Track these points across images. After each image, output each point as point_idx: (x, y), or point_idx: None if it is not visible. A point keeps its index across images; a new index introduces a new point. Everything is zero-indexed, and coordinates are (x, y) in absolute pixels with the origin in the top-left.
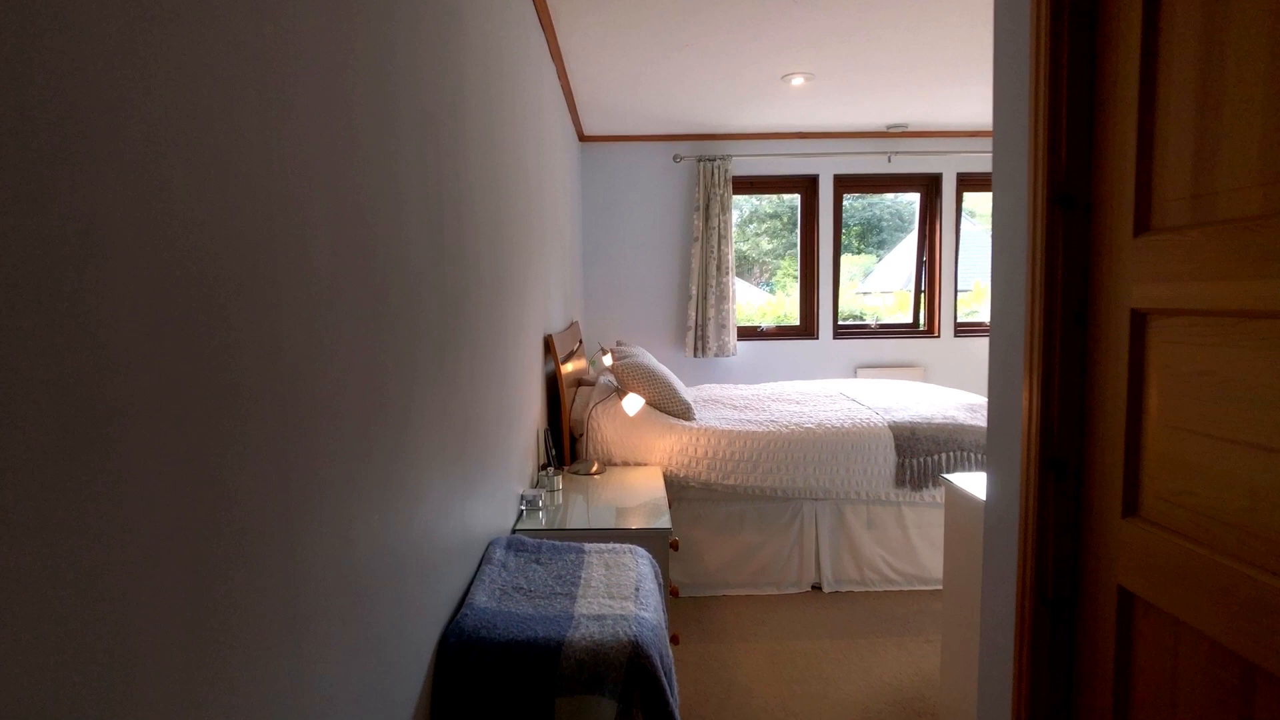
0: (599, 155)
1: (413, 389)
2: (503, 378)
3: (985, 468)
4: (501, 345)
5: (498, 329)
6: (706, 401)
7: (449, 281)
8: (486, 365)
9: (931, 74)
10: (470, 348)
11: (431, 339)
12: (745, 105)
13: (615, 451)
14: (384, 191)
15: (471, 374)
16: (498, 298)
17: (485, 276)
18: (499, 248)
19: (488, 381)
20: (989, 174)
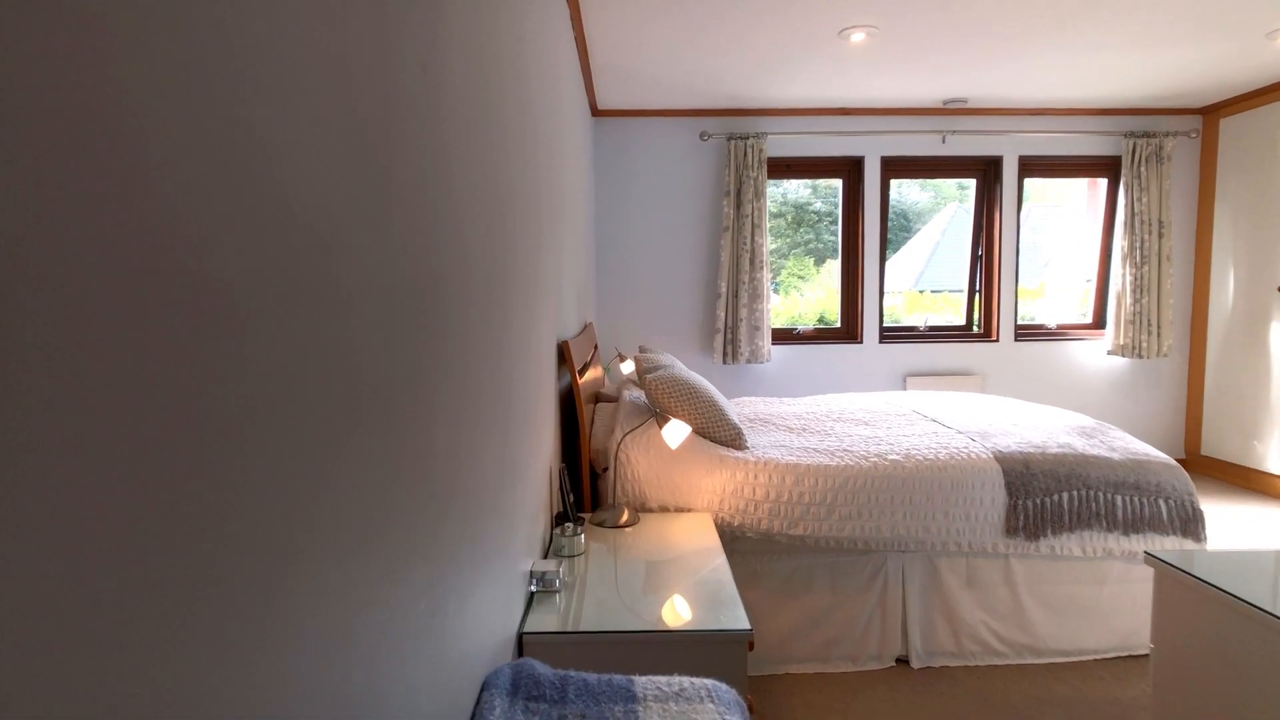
0: (615, 132)
1: (337, 448)
2: (505, 408)
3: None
4: (502, 361)
5: (496, 339)
6: (753, 422)
7: (403, 275)
8: (479, 395)
9: (998, 40)
10: (453, 370)
11: (374, 372)
12: (788, 72)
13: (650, 493)
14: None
15: (456, 411)
16: (497, 295)
17: (477, 267)
18: (497, 230)
19: (478, 419)
20: (1056, 157)
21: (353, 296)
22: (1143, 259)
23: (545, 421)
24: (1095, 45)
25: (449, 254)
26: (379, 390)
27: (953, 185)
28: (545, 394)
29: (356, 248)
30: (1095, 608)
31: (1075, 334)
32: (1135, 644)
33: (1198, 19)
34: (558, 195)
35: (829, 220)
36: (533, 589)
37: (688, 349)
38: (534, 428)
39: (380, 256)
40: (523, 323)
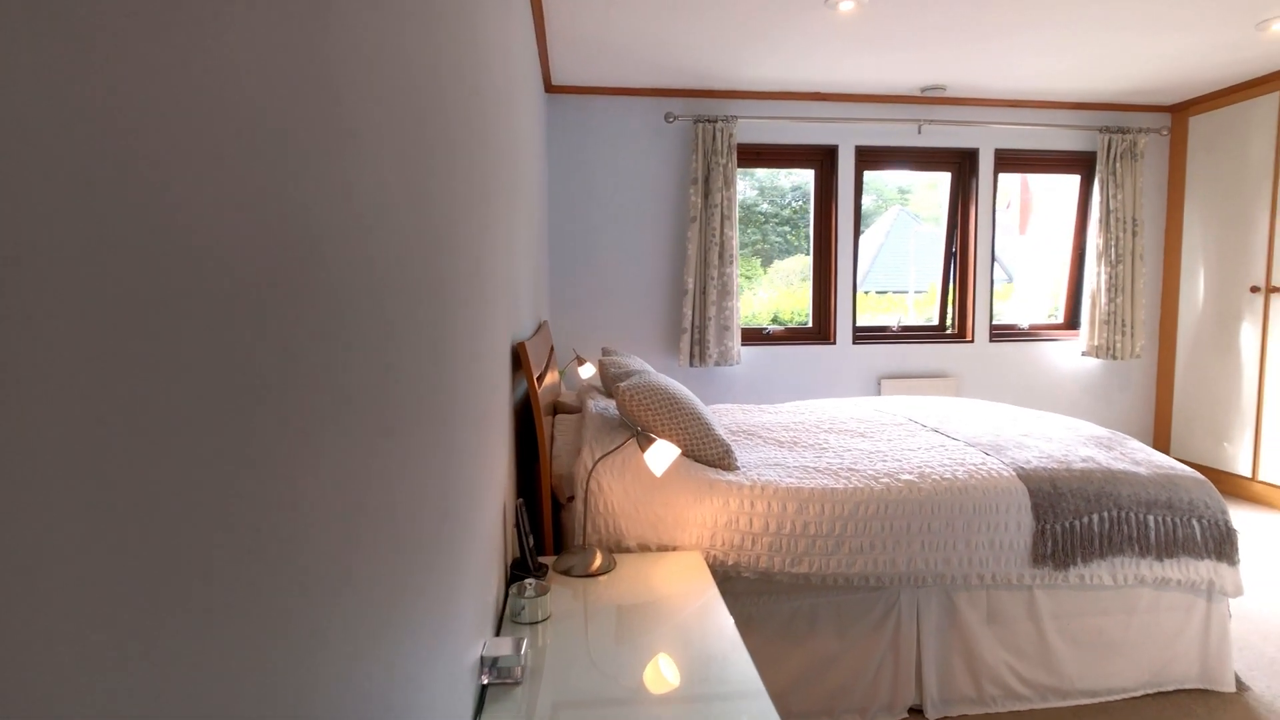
0: (571, 110)
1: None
2: (445, 435)
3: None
4: (442, 372)
5: (430, 343)
6: (736, 434)
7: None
8: (404, 421)
9: (986, 17)
10: (362, 395)
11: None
12: (765, 46)
13: (627, 528)
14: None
15: (361, 451)
16: (427, 286)
17: (384, 248)
18: (437, 212)
19: (406, 458)
20: (1031, 151)
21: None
22: (1117, 258)
23: (498, 446)
24: (1081, 30)
25: (324, 226)
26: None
27: (894, 188)
28: (498, 410)
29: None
30: (1124, 641)
31: (1049, 335)
32: (1165, 680)
33: (1191, 4)
34: (508, 177)
35: (776, 221)
36: (485, 681)
37: (651, 350)
38: (484, 456)
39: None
40: (469, 322)
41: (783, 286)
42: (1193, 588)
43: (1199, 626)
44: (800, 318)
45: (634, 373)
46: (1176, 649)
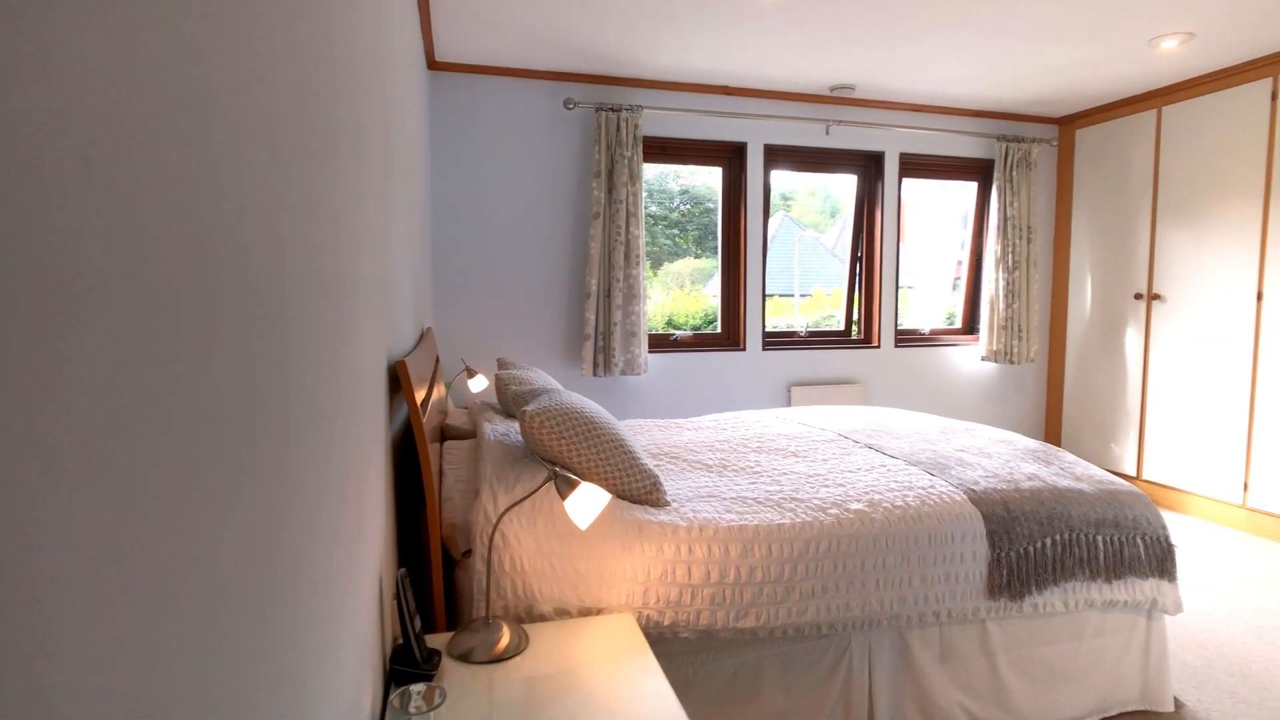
0: (457, 91)
1: None
2: (284, 500)
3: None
4: (285, 404)
5: (260, 375)
6: (657, 458)
7: None
8: (220, 483)
9: (892, 25)
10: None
11: None
12: (676, 29)
13: (542, 589)
14: None
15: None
16: (253, 295)
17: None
18: (278, 203)
19: (220, 527)
20: (934, 157)
21: None
22: (1014, 264)
23: (369, 499)
24: (986, 38)
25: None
26: None
27: (777, 194)
28: (368, 450)
29: None
30: (1073, 668)
31: (951, 340)
32: (1110, 704)
33: (1093, 17)
34: (379, 163)
35: (665, 224)
36: None
37: (551, 359)
38: (347, 519)
39: None
40: (326, 339)
41: (675, 289)
42: (1136, 608)
43: (1140, 647)
44: (694, 322)
45: (539, 391)
46: (1120, 672)
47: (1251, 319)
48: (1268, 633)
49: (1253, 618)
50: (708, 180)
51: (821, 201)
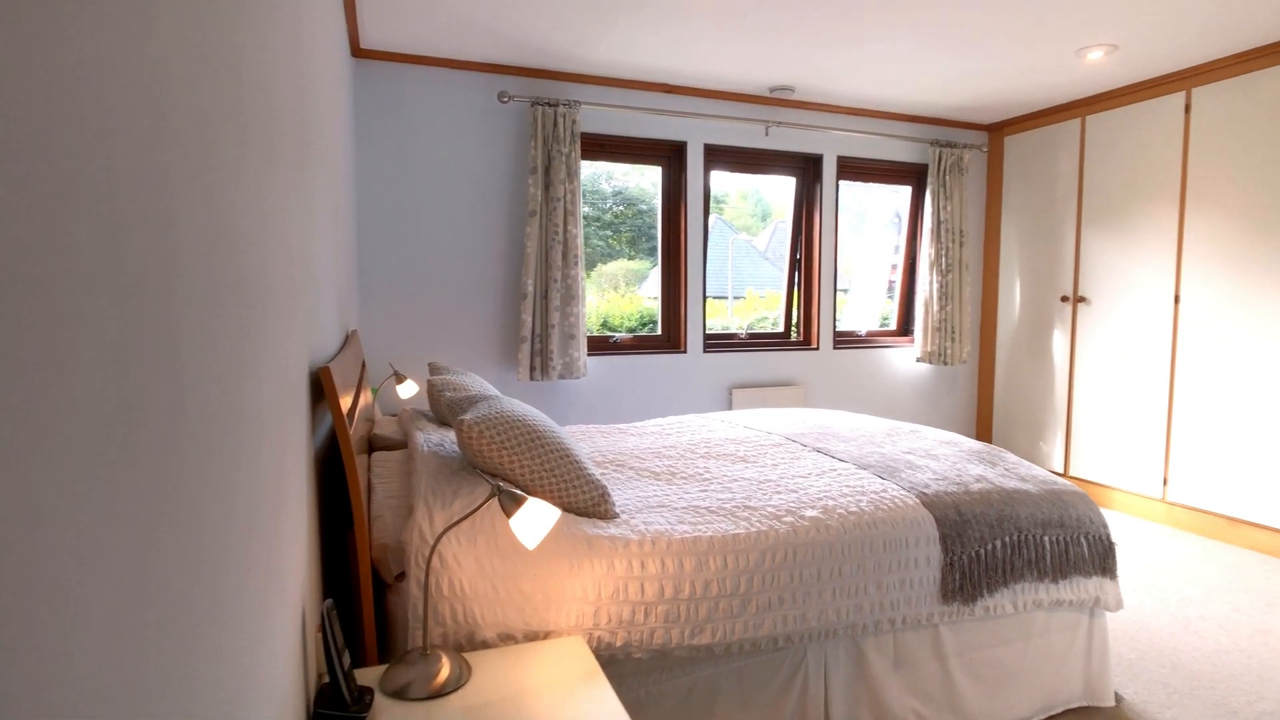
0: (385, 81)
1: None
2: (190, 546)
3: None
4: (193, 440)
5: (172, 379)
6: (602, 466)
7: None
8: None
9: (831, 27)
10: None
11: None
12: (614, 20)
13: (485, 613)
14: None
15: None
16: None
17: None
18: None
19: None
20: (871, 160)
21: None
22: (947, 267)
23: (289, 524)
24: (921, 44)
25: None
26: None
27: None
28: (288, 468)
29: None
30: (1021, 669)
31: (887, 341)
32: (1055, 702)
33: (1023, 25)
34: (297, 153)
35: (598, 225)
36: None
37: (485, 362)
38: (266, 548)
39: None
40: (243, 344)
41: (609, 291)
42: (1080, 606)
43: (1083, 645)
44: (630, 324)
45: (477, 398)
46: (1064, 670)
47: (1170, 321)
48: (1192, 623)
49: (1178, 609)
50: (641, 182)
51: (753, 205)
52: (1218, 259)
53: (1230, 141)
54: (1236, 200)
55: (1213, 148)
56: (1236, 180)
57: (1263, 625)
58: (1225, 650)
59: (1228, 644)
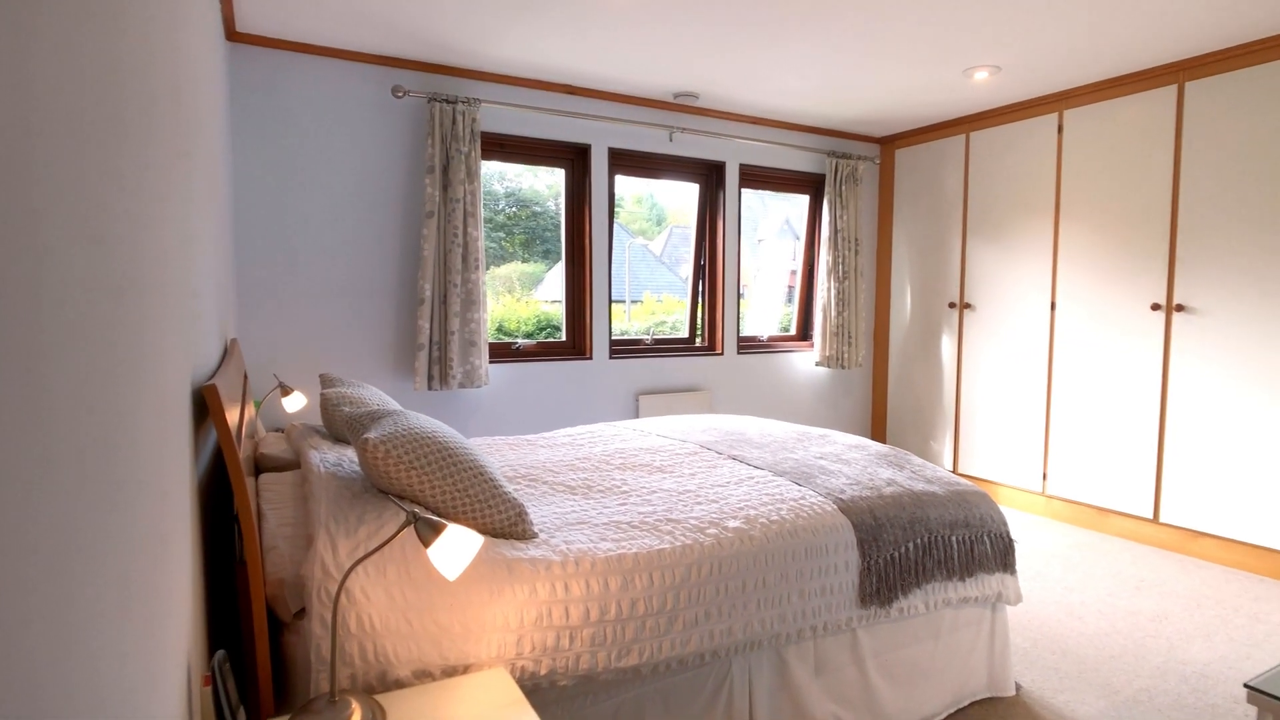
0: (265, 69)
1: None
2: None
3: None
4: (46, 475)
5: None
6: (514, 480)
7: None
8: None
9: (734, 33)
10: None
11: None
12: (514, 22)
13: (399, 650)
14: None
15: None
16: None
17: None
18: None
19: None
20: (771, 169)
21: None
22: (844, 274)
23: (172, 565)
24: (817, 57)
25: None
26: None
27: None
28: (170, 504)
29: None
30: (932, 666)
31: (788, 346)
32: (965, 695)
33: (914, 44)
34: (171, 141)
35: (490, 227)
36: None
37: (379, 372)
38: (144, 599)
39: None
40: (110, 357)
41: (504, 294)
42: (984, 602)
43: (987, 638)
44: (527, 329)
45: (379, 413)
46: (971, 664)
47: (1047, 327)
48: (1076, 609)
49: (1062, 596)
50: (535, 183)
51: (648, 209)
52: (1088, 269)
53: (1096, 161)
54: (1102, 215)
55: (1081, 167)
56: (1102, 197)
57: (1133, 607)
58: (1105, 633)
59: (1106, 627)
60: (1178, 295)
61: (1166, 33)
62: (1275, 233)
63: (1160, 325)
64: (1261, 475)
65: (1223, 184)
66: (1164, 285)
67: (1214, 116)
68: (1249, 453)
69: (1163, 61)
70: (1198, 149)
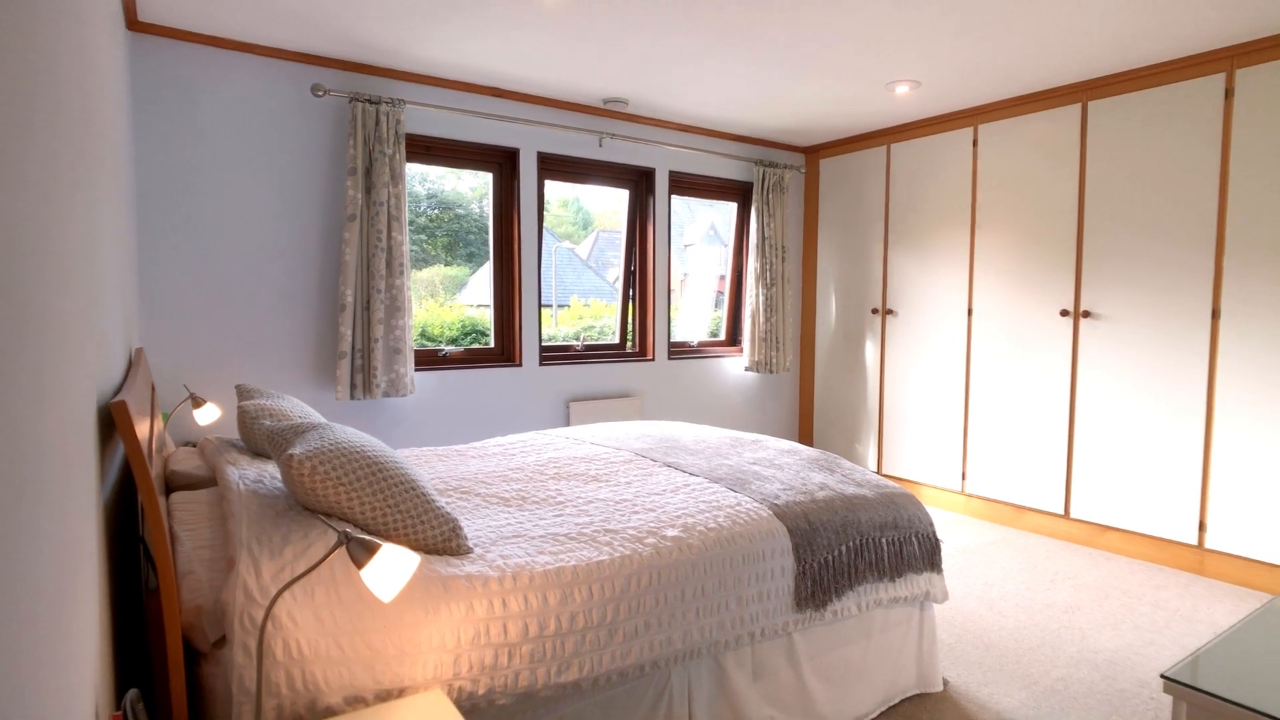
0: (171, 62)
1: None
2: None
3: None
4: None
5: None
6: (446, 493)
7: None
8: None
9: (663, 40)
10: None
11: None
12: (442, 21)
13: (329, 676)
14: None
15: None
16: None
17: None
18: None
19: None
20: (701, 176)
21: None
22: (771, 280)
23: (81, 615)
24: (745, 67)
25: None
26: None
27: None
28: (75, 534)
29: None
30: (864, 666)
31: (718, 351)
32: (895, 693)
33: (839, 59)
34: (68, 131)
35: (412, 230)
36: None
37: (298, 382)
38: (47, 642)
39: None
40: (12, 384)
41: (426, 299)
42: (913, 601)
43: (915, 637)
44: (451, 334)
45: (303, 427)
46: (901, 662)
47: (964, 332)
48: (996, 604)
49: (983, 591)
50: (458, 185)
51: (574, 213)
52: (1002, 277)
53: (1009, 174)
54: (1015, 226)
55: (995, 179)
56: (1014, 208)
57: (1048, 600)
58: (1023, 626)
59: (1025, 620)
60: (1084, 302)
61: (1072, 55)
62: (1165, 244)
63: (1069, 330)
64: (1160, 470)
65: (1121, 198)
66: (1072, 293)
67: (1114, 135)
68: (1149, 449)
69: (1068, 81)
70: (1100, 165)
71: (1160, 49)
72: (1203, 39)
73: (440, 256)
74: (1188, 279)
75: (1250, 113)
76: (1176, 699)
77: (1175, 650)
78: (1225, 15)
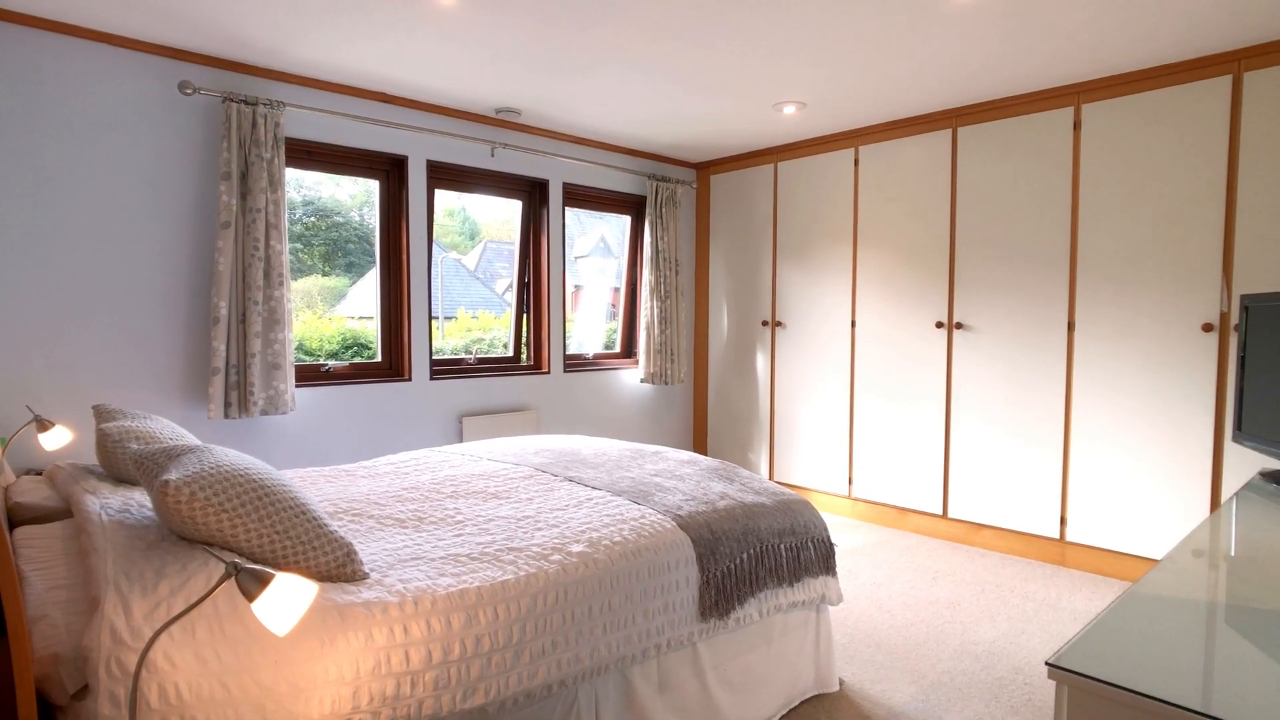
0: (11, 47)
1: None
2: None
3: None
4: None
5: None
6: (336, 516)
7: None
8: None
9: (556, 51)
10: None
11: None
12: (324, 21)
13: (216, 718)
14: None
15: None
16: None
17: None
18: None
19: None
20: (594, 189)
21: None
22: (666, 293)
23: None
24: (636, 83)
25: None
26: None
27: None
28: None
29: None
30: (765, 671)
31: (613, 364)
32: (795, 695)
33: (727, 79)
34: None
35: (287, 238)
36: None
37: (165, 400)
38: None
39: None
40: None
41: (303, 310)
42: (810, 604)
43: (813, 639)
44: (331, 347)
45: (177, 450)
46: (799, 664)
47: (849, 342)
48: (885, 603)
49: (872, 591)
50: (336, 192)
51: (460, 223)
52: (882, 290)
53: (888, 193)
54: (894, 242)
55: (875, 197)
56: (893, 226)
57: (932, 597)
58: (910, 623)
59: (911, 617)
60: (957, 314)
61: (943, 83)
62: (1028, 261)
63: (943, 341)
64: (1026, 469)
65: (989, 219)
66: (945, 306)
67: (980, 159)
68: (1016, 450)
69: (940, 108)
70: (969, 186)
71: (1016, 82)
72: (1053, 75)
73: (317, 266)
74: (1047, 293)
75: (1096, 144)
76: (1059, 683)
77: (1044, 637)
78: (1071, 55)
